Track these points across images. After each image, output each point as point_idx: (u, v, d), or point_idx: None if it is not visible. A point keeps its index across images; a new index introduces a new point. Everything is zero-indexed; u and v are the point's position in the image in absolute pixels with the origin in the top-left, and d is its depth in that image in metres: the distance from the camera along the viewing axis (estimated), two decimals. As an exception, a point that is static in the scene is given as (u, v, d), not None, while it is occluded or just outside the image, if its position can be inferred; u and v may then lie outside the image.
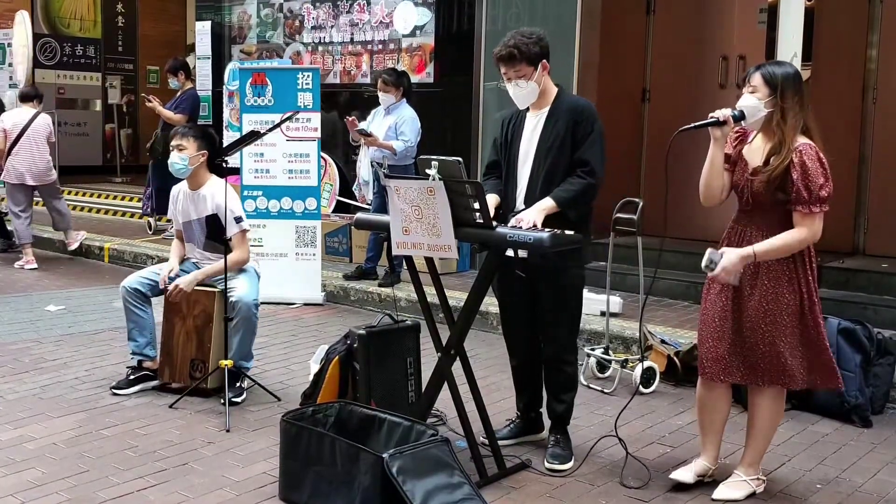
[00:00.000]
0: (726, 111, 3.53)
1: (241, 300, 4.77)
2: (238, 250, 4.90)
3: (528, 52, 3.89)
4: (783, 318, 3.59)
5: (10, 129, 8.62)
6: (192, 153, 4.92)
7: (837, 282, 6.42)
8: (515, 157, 4.06)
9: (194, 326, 4.90)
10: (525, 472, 3.99)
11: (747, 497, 3.74)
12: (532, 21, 7.40)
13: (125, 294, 4.96)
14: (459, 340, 3.94)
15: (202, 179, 5.01)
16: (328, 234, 8.33)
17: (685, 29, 7.92)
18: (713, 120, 3.54)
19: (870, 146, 7.09)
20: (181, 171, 4.95)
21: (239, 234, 4.91)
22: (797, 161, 3.48)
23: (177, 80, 9.47)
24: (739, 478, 3.78)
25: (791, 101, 3.52)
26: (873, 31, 7.04)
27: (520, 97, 4.00)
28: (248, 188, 7.41)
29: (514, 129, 4.09)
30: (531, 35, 3.94)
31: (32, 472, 3.89)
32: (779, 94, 3.51)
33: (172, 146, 4.94)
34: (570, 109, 3.97)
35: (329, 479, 3.48)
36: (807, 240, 3.53)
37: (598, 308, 5.86)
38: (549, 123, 3.98)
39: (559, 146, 3.93)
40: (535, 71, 3.92)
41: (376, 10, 9.03)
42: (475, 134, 8.04)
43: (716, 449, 3.90)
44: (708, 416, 3.87)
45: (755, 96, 3.54)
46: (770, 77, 3.53)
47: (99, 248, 9.26)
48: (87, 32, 14.51)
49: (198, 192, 4.99)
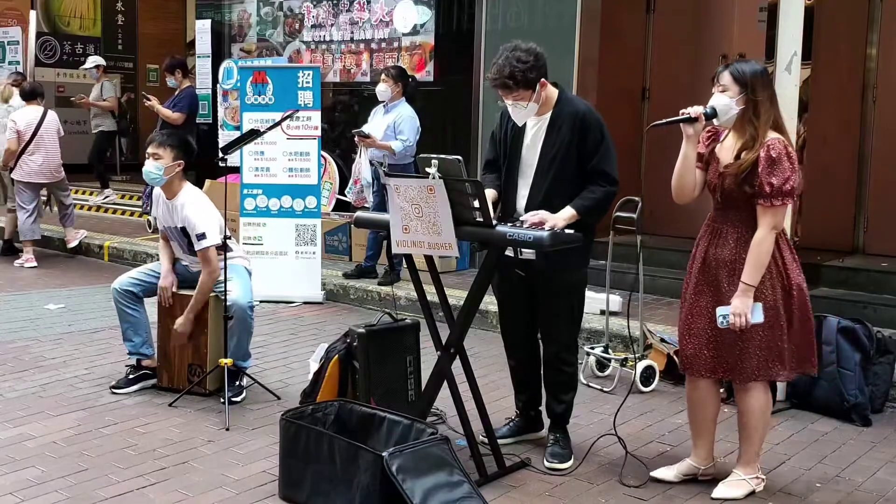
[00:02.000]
0: (698, 108, 3.58)
1: (235, 303, 4.74)
2: (205, 267, 4.77)
3: (524, 80, 3.80)
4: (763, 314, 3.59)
5: (23, 129, 8.65)
6: (168, 163, 4.81)
7: (837, 281, 6.42)
8: (517, 162, 4.03)
9: (190, 333, 4.87)
10: (524, 470, 4.00)
11: (747, 496, 3.74)
12: (532, 20, 7.40)
13: (117, 296, 4.94)
14: (459, 339, 3.94)
15: (176, 189, 4.90)
16: (328, 233, 8.33)
17: (685, 28, 7.93)
18: (685, 116, 3.58)
19: (869, 146, 7.09)
20: (155, 180, 4.84)
21: (202, 251, 4.77)
22: (764, 155, 3.51)
23: (174, 79, 9.47)
24: (738, 477, 3.79)
25: (762, 96, 3.57)
26: (873, 31, 7.04)
27: (519, 116, 3.95)
28: (248, 186, 7.41)
29: (514, 129, 4.05)
30: (526, 61, 3.80)
31: (32, 470, 3.89)
32: (749, 91, 3.55)
33: (148, 153, 4.83)
34: (572, 116, 3.92)
35: (329, 478, 3.49)
36: (770, 234, 3.54)
37: (597, 307, 5.86)
38: (553, 130, 3.94)
39: (564, 155, 3.90)
40: (534, 93, 3.86)
41: (376, 9, 9.03)
42: (475, 132, 8.04)
43: (706, 447, 3.90)
44: (695, 414, 3.88)
45: (726, 95, 3.59)
46: (739, 75, 3.57)
47: (99, 246, 9.26)
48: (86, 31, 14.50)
49: (173, 202, 4.90)
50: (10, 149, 8.67)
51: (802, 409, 4.87)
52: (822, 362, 4.83)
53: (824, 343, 4.84)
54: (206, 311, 4.85)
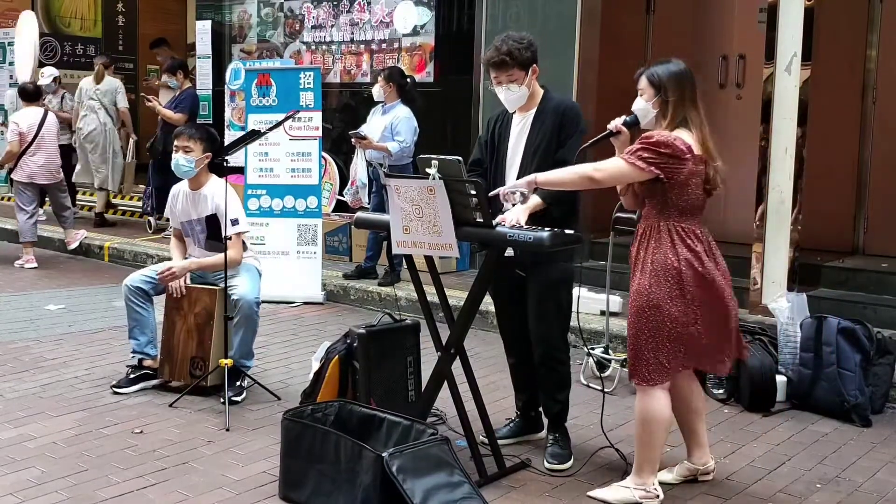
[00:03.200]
0: (617, 121, 3.68)
1: (242, 298, 4.78)
2: (231, 251, 4.87)
3: (520, 58, 3.93)
4: (646, 312, 3.55)
5: (25, 131, 8.66)
6: (199, 155, 4.94)
7: (837, 281, 6.42)
8: (503, 157, 4.09)
9: (195, 324, 4.91)
10: (525, 471, 4.00)
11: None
12: (532, 20, 7.40)
13: (127, 292, 4.97)
14: (459, 339, 3.94)
15: (203, 180, 5.03)
16: (328, 234, 8.33)
17: (685, 28, 7.92)
18: (608, 132, 3.68)
19: (869, 146, 7.09)
20: (188, 172, 4.96)
21: (234, 236, 4.90)
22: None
23: (175, 80, 9.47)
24: (623, 483, 3.71)
25: (673, 96, 3.59)
26: (873, 31, 7.03)
27: (510, 101, 4.04)
28: (252, 187, 7.45)
29: (500, 129, 4.13)
30: (522, 40, 3.97)
31: (32, 470, 3.89)
32: (662, 92, 3.60)
33: (177, 146, 4.94)
34: (555, 110, 4.02)
35: (332, 478, 3.49)
36: (592, 172, 3.57)
37: (597, 307, 5.86)
38: (536, 125, 4.02)
39: (545, 147, 3.97)
40: (527, 76, 3.97)
41: (376, 10, 9.03)
42: (475, 133, 8.03)
43: (695, 448, 3.88)
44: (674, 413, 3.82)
45: (643, 98, 3.66)
46: (652, 77, 3.64)
47: (99, 247, 9.26)
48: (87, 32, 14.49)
49: (199, 193, 5.00)
50: (11, 150, 8.69)
51: (802, 409, 4.87)
52: (822, 363, 4.85)
53: (824, 344, 4.84)
54: (213, 304, 4.87)
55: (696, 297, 3.53)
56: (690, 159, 3.50)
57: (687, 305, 3.53)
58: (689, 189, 3.54)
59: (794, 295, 5.27)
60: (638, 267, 3.63)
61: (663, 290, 3.53)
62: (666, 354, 3.55)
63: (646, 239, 3.63)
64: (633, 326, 3.61)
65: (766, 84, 5.97)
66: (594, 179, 3.59)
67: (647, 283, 3.56)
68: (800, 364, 4.93)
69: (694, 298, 3.53)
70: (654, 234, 3.60)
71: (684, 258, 3.53)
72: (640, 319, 3.58)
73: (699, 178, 3.56)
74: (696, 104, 3.63)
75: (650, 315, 3.55)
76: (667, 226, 3.57)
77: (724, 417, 4.77)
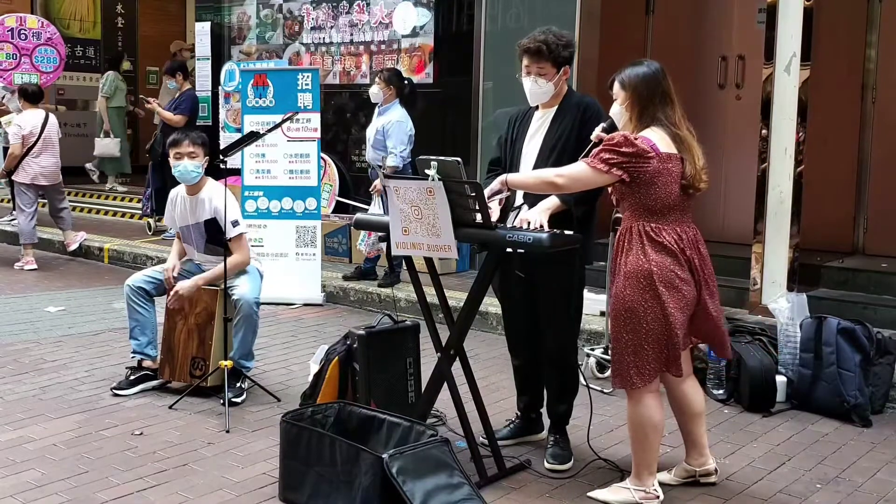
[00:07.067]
0: (597, 130, 3.66)
1: (242, 298, 4.79)
2: (237, 253, 4.90)
3: (555, 52, 3.91)
4: (623, 316, 3.54)
5: (28, 133, 8.67)
6: (203, 159, 4.97)
7: (837, 281, 6.42)
8: (519, 153, 4.07)
9: (196, 324, 4.91)
10: (525, 472, 3.99)
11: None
12: (532, 21, 7.39)
13: (129, 292, 4.97)
14: (459, 340, 3.94)
15: (201, 184, 5.03)
16: (327, 235, 8.33)
17: (685, 29, 7.92)
18: (592, 143, 3.65)
19: (869, 146, 7.09)
20: (194, 178, 4.96)
21: (236, 237, 4.91)
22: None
23: (174, 82, 9.47)
24: (623, 484, 3.71)
25: (641, 96, 3.59)
26: (872, 31, 7.03)
27: (534, 94, 4.00)
28: (249, 188, 7.43)
29: (520, 126, 4.11)
30: (562, 38, 3.95)
31: (32, 472, 3.89)
32: (630, 94, 3.60)
33: (182, 153, 4.91)
34: (575, 107, 3.99)
35: (330, 480, 3.48)
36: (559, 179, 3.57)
37: (597, 308, 5.86)
38: (556, 122, 4.00)
39: (563, 144, 3.94)
40: (557, 73, 3.94)
41: (375, 11, 9.03)
42: (474, 134, 8.04)
43: (691, 450, 3.87)
44: (675, 417, 3.85)
45: (616, 103, 3.67)
46: (622, 81, 3.65)
47: (98, 248, 9.26)
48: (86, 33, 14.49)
49: (196, 197, 4.99)
50: (13, 153, 8.70)
51: (802, 409, 4.87)
52: (822, 363, 4.85)
53: (824, 344, 4.84)
54: (215, 304, 4.87)
55: (670, 297, 3.49)
56: (655, 157, 3.47)
57: (663, 307, 3.49)
58: (656, 188, 3.49)
59: (794, 295, 5.27)
60: (617, 271, 3.62)
61: (637, 293, 3.50)
62: (646, 357, 3.53)
63: (622, 242, 3.62)
64: (614, 331, 3.60)
65: (765, 84, 5.96)
66: (557, 185, 3.60)
67: (622, 286, 3.55)
68: (800, 364, 4.94)
69: (669, 299, 3.49)
70: (628, 236, 3.59)
71: (654, 259, 3.49)
72: (619, 324, 3.57)
73: (668, 176, 3.50)
74: (670, 104, 3.60)
75: (627, 318, 3.53)
76: (637, 227, 3.55)
77: (724, 418, 4.76)
